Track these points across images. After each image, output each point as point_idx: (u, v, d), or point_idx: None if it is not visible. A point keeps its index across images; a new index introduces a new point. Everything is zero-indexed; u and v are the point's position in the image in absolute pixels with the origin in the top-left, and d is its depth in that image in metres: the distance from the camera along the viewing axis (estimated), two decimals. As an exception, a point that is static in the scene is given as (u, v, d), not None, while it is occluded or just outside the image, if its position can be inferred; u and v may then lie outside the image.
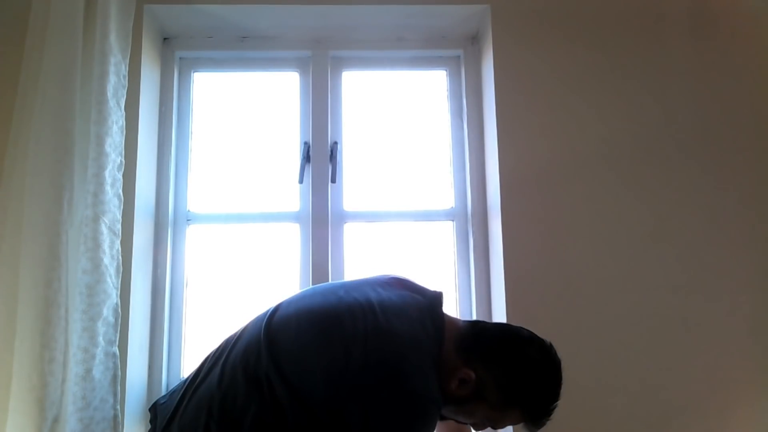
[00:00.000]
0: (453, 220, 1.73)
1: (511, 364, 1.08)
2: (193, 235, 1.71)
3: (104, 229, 1.32)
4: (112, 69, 1.39)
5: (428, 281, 1.23)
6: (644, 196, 1.55)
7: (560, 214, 1.53)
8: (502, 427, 1.13)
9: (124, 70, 1.43)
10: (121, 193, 1.39)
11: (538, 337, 1.14)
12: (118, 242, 1.36)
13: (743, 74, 1.63)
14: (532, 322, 1.47)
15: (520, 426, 1.11)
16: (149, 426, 1.18)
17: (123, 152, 1.41)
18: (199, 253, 1.72)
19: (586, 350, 1.47)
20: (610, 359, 1.48)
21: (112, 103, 1.39)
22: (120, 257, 1.36)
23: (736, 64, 1.63)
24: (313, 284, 1.63)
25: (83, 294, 1.28)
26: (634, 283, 1.52)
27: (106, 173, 1.35)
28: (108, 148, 1.36)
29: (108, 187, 1.35)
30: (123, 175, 1.42)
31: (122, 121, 1.42)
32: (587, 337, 1.48)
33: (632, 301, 1.51)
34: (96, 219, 1.31)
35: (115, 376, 1.32)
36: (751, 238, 1.56)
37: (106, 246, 1.32)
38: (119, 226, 1.37)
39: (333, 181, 1.70)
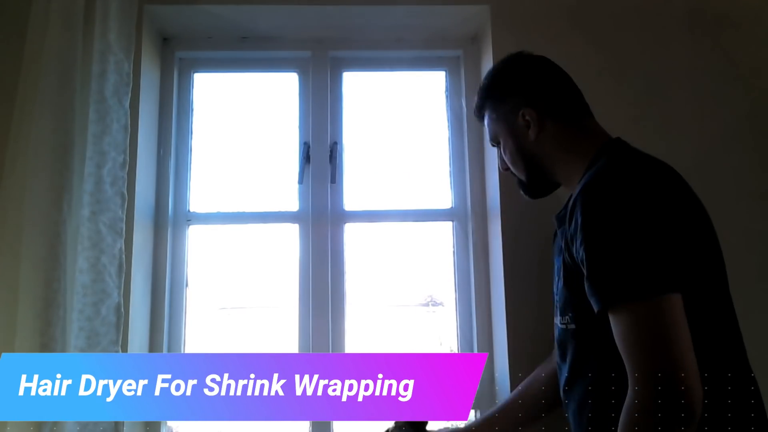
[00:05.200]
0: (452, 220, 1.73)
1: None
2: (193, 235, 1.71)
3: (102, 228, 1.32)
4: (112, 68, 1.39)
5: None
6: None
7: (560, 214, 1.53)
8: None
9: (127, 68, 1.42)
10: (125, 192, 1.38)
11: None
12: (120, 241, 1.35)
13: (744, 73, 1.63)
14: (531, 322, 1.48)
15: None
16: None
17: (127, 150, 1.40)
18: (200, 253, 1.72)
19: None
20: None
21: (112, 101, 1.39)
22: (123, 256, 1.36)
23: (736, 62, 1.63)
24: (312, 285, 1.63)
25: (79, 293, 1.28)
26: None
27: (104, 172, 1.34)
28: (107, 147, 1.36)
29: (107, 186, 1.35)
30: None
31: (125, 120, 1.40)
32: (587, 337, 1.48)
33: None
34: (92, 218, 1.31)
35: (114, 377, 1.32)
36: (753, 240, 1.55)
37: (104, 245, 1.32)
38: (122, 225, 1.36)
39: (333, 181, 1.70)
